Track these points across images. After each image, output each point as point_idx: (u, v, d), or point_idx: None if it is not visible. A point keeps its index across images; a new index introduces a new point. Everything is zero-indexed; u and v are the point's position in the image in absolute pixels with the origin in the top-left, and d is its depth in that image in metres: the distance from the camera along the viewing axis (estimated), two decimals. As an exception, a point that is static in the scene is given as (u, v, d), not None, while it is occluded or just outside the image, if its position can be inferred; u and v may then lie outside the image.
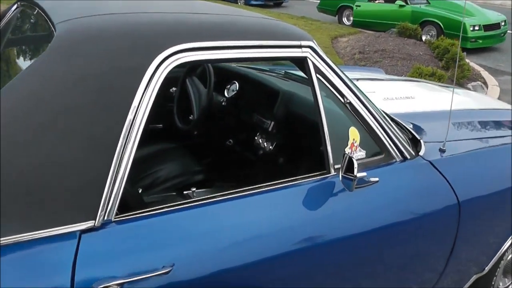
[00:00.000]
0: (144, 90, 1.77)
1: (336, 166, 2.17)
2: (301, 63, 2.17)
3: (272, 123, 3.16)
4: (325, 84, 2.19)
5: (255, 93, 3.39)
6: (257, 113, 3.32)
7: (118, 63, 1.74)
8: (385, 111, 2.74)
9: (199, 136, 3.72)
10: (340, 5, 16.51)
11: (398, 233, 2.31)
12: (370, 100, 2.37)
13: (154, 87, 1.79)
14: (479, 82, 9.48)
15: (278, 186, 2.08)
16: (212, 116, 3.48)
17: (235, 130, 3.55)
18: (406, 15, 14.07)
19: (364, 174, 2.12)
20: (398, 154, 2.39)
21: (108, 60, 1.73)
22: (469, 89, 7.59)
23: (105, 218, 1.70)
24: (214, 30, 1.98)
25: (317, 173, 2.18)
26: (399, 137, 2.39)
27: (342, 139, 2.22)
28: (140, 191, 3.09)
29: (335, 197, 2.16)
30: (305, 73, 2.19)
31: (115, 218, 1.74)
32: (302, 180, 2.14)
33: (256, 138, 3.31)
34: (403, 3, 14.55)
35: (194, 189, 2.90)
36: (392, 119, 2.72)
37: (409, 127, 2.79)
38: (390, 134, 2.34)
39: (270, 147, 3.15)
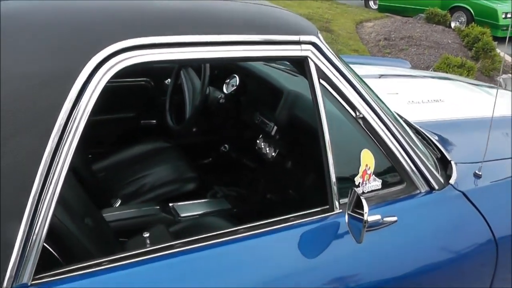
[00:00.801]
0: (74, 106, 1.25)
1: (342, 201, 1.66)
2: (300, 64, 1.66)
3: (275, 127, 2.69)
4: (332, 93, 1.68)
5: (259, 89, 2.95)
6: (259, 113, 2.85)
7: (38, 67, 1.23)
8: (409, 121, 2.23)
9: (191, 138, 3.26)
10: (366, -12, 15.82)
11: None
12: (391, 112, 1.86)
13: (89, 101, 1.27)
14: (510, 75, 8.84)
15: (264, 229, 1.57)
16: (207, 115, 3.07)
17: (233, 132, 3.17)
18: (435, 0, 13.34)
19: (378, 217, 1.62)
20: (424, 184, 1.87)
21: (25, 63, 1.23)
22: (499, 83, 6.96)
23: (17, 282, 1.22)
24: (180, 20, 1.45)
25: (318, 209, 1.67)
26: (426, 161, 1.87)
27: (351, 164, 1.72)
28: (118, 203, 2.64)
29: (339, 242, 1.64)
30: (305, 77, 1.67)
31: (32, 282, 1.26)
32: (296, 221, 1.63)
33: (258, 142, 2.85)
34: (433, -13, 13.80)
35: (172, 204, 2.52)
36: (418, 133, 2.21)
37: (437, 141, 2.26)
38: (414, 159, 1.82)
39: (273, 153, 2.68)
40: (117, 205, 2.63)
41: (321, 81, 1.65)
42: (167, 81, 3.30)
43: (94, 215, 2.00)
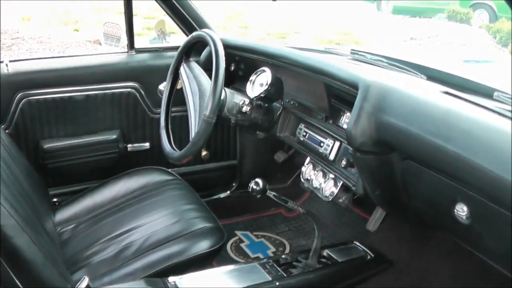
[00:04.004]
0: None
1: None
2: None
3: (341, 146, 1.86)
4: None
5: (304, 88, 2.04)
6: (306, 126, 1.98)
7: None
8: None
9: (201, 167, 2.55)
10: (380, -11, 14.92)
11: None
12: None
13: None
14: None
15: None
16: (223, 131, 2.49)
17: (263, 156, 2.60)
18: (453, -1, 12.61)
19: None
20: None
21: None
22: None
23: None
24: None
25: None
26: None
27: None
28: (84, 282, 1.58)
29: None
30: None
31: None
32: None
33: (304, 172, 2.01)
34: (451, -15, 13.04)
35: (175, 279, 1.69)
36: None
37: None
38: None
39: (343, 199, 1.85)
40: (81, 286, 1.55)
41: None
42: (161, 85, 2.26)
43: None
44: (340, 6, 12.77)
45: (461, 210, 1.33)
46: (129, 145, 2.50)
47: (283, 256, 1.95)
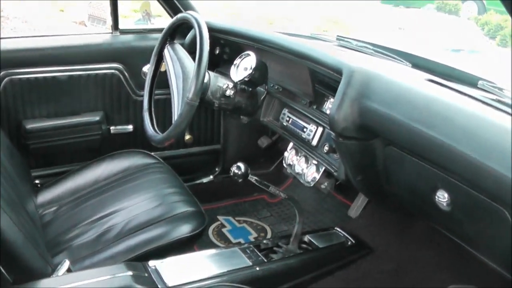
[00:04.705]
0: None
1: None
2: None
3: (323, 132, 1.86)
4: None
5: (289, 72, 2.01)
6: (289, 111, 1.98)
7: None
8: None
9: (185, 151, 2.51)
10: (368, -21, 14.86)
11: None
12: None
13: None
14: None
15: None
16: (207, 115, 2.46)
17: (246, 141, 2.57)
18: (443, -11, 12.57)
19: None
20: None
21: None
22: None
23: None
24: None
25: None
26: None
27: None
28: (65, 265, 1.57)
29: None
30: None
31: None
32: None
33: (286, 157, 2.04)
34: (439, -24, 12.99)
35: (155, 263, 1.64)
36: None
37: None
38: None
39: (325, 184, 1.81)
40: (62, 269, 1.53)
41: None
42: (145, 67, 2.24)
43: None
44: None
45: (442, 197, 1.33)
46: (112, 127, 2.46)
47: (264, 241, 1.94)
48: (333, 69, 1.63)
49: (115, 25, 2.45)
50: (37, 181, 2.28)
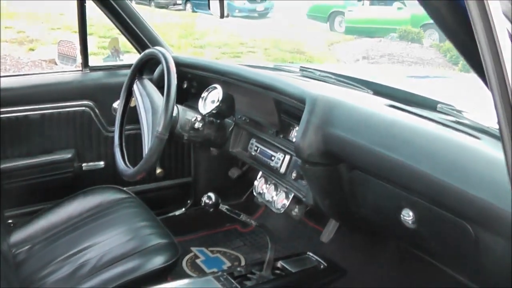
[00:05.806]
0: None
1: None
2: None
3: (290, 159, 1.89)
4: None
5: (255, 104, 2.04)
6: (257, 141, 2.00)
7: None
8: None
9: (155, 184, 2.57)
10: (332, 10, 15.00)
11: None
12: None
13: None
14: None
15: None
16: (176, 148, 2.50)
17: (216, 172, 2.61)
18: (405, 19, 12.74)
19: None
20: None
21: None
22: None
23: None
24: None
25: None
26: None
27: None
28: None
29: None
30: None
31: None
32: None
33: (257, 185, 2.08)
34: (401, 6, 13.22)
35: None
36: None
37: None
38: None
39: (295, 211, 1.86)
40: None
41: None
42: (115, 103, 2.26)
43: None
44: (294, 27, 12.94)
45: (407, 215, 1.38)
46: (84, 164, 2.47)
47: (238, 269, 1.95)
48: (296, 98, 1.69)
49: (85, 63, 2.48)
50: (10, 221, 2.27)
